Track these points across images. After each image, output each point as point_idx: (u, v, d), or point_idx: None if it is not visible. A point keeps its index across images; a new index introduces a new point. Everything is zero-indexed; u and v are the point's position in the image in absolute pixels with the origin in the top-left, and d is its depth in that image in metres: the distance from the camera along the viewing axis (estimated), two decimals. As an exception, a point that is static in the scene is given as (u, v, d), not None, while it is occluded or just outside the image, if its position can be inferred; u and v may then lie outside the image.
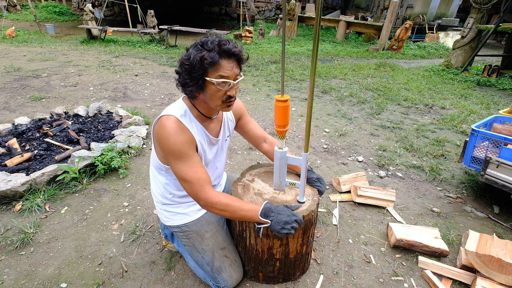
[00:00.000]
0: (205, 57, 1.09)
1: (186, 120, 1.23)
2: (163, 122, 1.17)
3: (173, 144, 1.16)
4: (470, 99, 5.05)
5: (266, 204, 1.23)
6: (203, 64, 1.09)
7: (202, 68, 1.10)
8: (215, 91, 1.15)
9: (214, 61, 1.09)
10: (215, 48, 1.10)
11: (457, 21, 13.56)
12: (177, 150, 1.17)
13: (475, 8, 6.49)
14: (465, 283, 1.60)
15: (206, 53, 1.09)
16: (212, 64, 1.10)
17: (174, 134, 1.16)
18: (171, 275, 1.61)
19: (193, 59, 1.10)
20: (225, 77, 1.13)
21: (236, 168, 2.70)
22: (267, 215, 1.19)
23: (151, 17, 9.32)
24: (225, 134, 1.47)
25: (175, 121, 1.18)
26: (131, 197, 2.25)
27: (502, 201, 2.35)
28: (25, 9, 13.42)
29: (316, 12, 0.91)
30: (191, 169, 1.19)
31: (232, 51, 1.12)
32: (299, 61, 7.52)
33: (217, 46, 1.10)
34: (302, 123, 3.78)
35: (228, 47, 1.11)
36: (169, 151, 1.18)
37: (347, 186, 2.38)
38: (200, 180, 1.20)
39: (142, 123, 3.36)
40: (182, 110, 1.24)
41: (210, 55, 1.09)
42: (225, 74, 1.13)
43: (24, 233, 1.82)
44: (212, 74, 1.12)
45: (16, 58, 6.43)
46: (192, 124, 1.25)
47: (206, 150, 1.35)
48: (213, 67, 1.11)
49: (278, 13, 16.49)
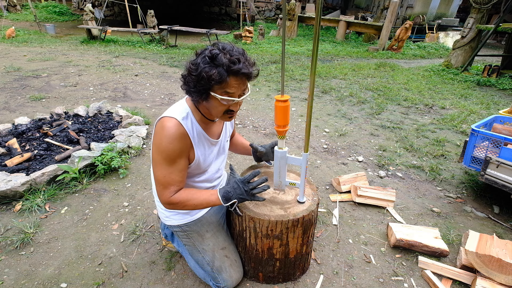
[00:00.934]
0: (213, 76, 1.05)
1: (188, 123, 1.22)
2: (164, 123, 1.17)
3: (165, 148, 1.16)
4: (470, 99, 5.05)
5: (220, 192, 1.27)
6: (210, 81, 1.06)
7: (209, 83, 1.07)
8: (219, 105, 1.14)
9: (222, 80, 1.06)
10: (224, 65, 1.05)
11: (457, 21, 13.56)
12: (166, 154, 1.17)
13: (475, 8, 6.49)
14: (465, 283, 1.60)
15: (215, 72, 1.05)
16: (219, 82, 1.07)
17: (170, 138, 1.15)
18: (171, 275, 1.61)
19: (200, 72, 1.06)
20: (230, 94, 1.11)
21: (236, 168, 2.70)
22: (228, 198, 1.25)
23: (151, 17, 9.32)
24: (226, 135, 1.47)
25: (176, 125, 1.16)
26: (131, 197, 2.25)
27: (502, 201, 2.35)
28: (25, 9, 13.42)
29: (316, 12, 0.91)
30: (170, 175, 1.20)
31: (242, 72, 1.08)
32: (299, 61, 7.52)
33: (227, 64, 1.05)
34: (302, 123, 3.78)
35: (239, 68, 1.06)
36: (159, 152, 1.17)
37: (347, 186, 2.38)
38: (170, 186, 1.22)
39: (142, 123, 3.36)
40: (185, 113, 1.22)
41: (218, 73, 1.05)
42: (230, 91, 1.10)
43: (24, 233, 1.82)
44: (217, 90, 1.10)
45: (16, 58, 6.43)
46: (192, 128, 1.24)
47: (206, 154, 1.34)
48: (220, 85, 1.08)
49: (278, 13, 16.49)
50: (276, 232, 1.33)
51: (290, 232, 1.35)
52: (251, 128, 3.57)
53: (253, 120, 3.80)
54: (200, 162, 1.31)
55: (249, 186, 1.24)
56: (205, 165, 1.36)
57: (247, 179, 1.25)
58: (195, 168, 1.33)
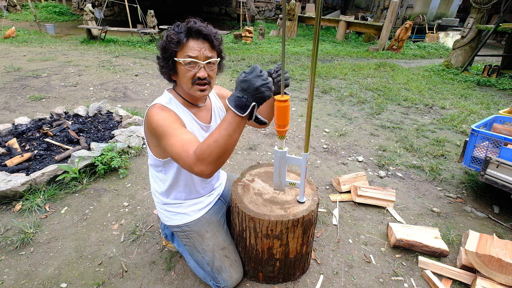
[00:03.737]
0: (171, 36, 1.10)
1: (172, 106, 1.24)
2: (149, 111, 1.19)
3: (159, 120, 1.13)
4: (470, 99, 5.04)
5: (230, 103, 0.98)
6: (170, 44, 1.10)
7: (170, 48, 1.11)
8: (184, 71, 1.16)
9: (180, 40, 1.10)
10: (182, 28, 1.11)
11: (457, 21, 13.56)
12: (162, 124, 1.12)
13: (475, 8, 6.49)
14: (465, 283, 1.60)
15: (172, 32, 1.11)
16: (178, 43, 1.11)
17: (159, 112, 1.17)
18: (171, 275, 1.61)
19: (163, 40, 1.13)
20: (193, 57, 1.13)
21: (236, 168, 2.70)
22: (243, 105, 0.96)
23: (151, 17, 9.32)
24: (217, 121, 1.44)
25: (160, 106, 1.20)
26: (131, 197, 2.25)
27: (502, 201, 2.35)
28: (25, 9, 13.41)
29: (316, 12, 0.91)
30: (181, 135, 1.08)
31: (198, 30, 1.12)
32: (299, 61, 7.52)
33: (185, 26, 1.11)
34: (302, 123, 3.78)
35: (194, 26, 1.11)
36: (157, 128, 1.13)
37: (347, 186, 2.38)
38: (188, 144, 1.04)
39: (142, 123, 3.36)
40: (167, 98, 1.26)
41: (176, 34, 1.10)
42: (192, 54, 1.13)
43: (24, 233, 1.82)
44: (180, 54, 1.14)
45: (16, 58, 6.43)
46: (179, 109, 1.26)
47: (197, 135, 1.31)
48: (180, 47, 1.12)
49: (278, 13, 16.49)
50: (276, 232, 1.33)
51: (290, 232, 1.35)
52: (251, 128, 3.57)
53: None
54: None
55: (263, 74, 0.96)
56: None
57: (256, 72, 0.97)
58: None
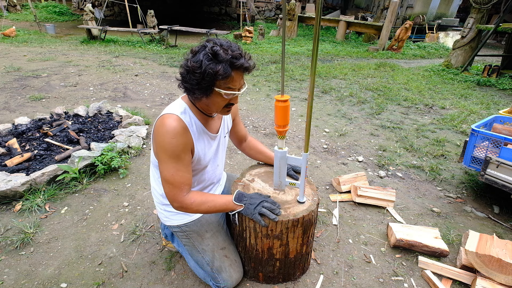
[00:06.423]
0: (219, 72, 1.08)
1: (186, 117, 1.23)
2: (164, 120, 1.17)
3: (169, 143, 1.16)
4: (470, 99, 5.04)
5: (239, 191, 1.34)
6: (216, 77, 1.09)
7: (214, 79, 1.10)
8: (221, 100, 1.17)
9: (227, 75, 1.10)
10: (227, 61, 1.09)
11: (457, 21, 13.56)
12: (171, 150, 1.17)
13: (475, 8, 6.49)
14: (465, 283, 1.60)
15: (220, 68, 1.08)
16: (225, 77, 1.10)
17: (172, 133, 1.16)
18: (171, 275, 1.61)
19: (204, 69, 1.08)
20: (232, 89, 1.15)
21: (236, 168, 2.70)
22: (240, 199, 1.31)
23: (151, 17, 9.32)
24: (224, 130, 1.48)
25: (176, 120, 1.18)
26: (131, 197, 2.25)
27: (502, 201, 2.35)
28: (25, 9, 13.41)
29: (316, 12, 0.91)
30: (178, 172, 1.20)
31: (244, 67, 1.13)
32: (299, 61, 7.52)
33: (230, 60, 1.09)
34: (302, 123, 3.78)
35: (241, 63, 1.11)
36: (163, 149, 1.18)
37: (347, 186, 2.38)
38: (182, 185, 1.22)
39: (142, 123, 3.36)
40: (182, 108, 1.25)
41: (223, 69, 1.08)
42: (234, 87, 1.15)
43: (24, 233, 1.82)
44: (221, 85, 1.13)
45: (16, 58, 6.43)
46: (191, 122, 1.25)
47: (206, 148, 1.35)
48: (225, 80, 1.12)
49: (278, 13, 16.48)
50: (276, 232, 1.33)
51: (290, 232, 1.35)
52: (251, 128, 3.57)
53: (253, 120, 3.80)
54: (200, 157, 1.32)
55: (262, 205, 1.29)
56: (205, 161, 1.37)
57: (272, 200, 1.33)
58: (196, 164, 1.34)
